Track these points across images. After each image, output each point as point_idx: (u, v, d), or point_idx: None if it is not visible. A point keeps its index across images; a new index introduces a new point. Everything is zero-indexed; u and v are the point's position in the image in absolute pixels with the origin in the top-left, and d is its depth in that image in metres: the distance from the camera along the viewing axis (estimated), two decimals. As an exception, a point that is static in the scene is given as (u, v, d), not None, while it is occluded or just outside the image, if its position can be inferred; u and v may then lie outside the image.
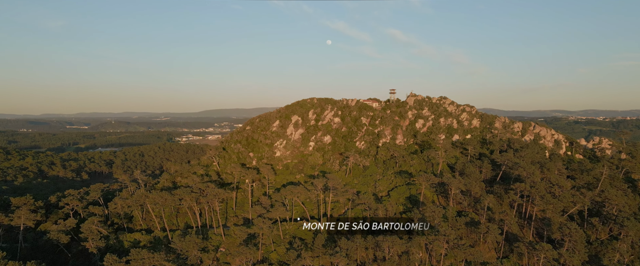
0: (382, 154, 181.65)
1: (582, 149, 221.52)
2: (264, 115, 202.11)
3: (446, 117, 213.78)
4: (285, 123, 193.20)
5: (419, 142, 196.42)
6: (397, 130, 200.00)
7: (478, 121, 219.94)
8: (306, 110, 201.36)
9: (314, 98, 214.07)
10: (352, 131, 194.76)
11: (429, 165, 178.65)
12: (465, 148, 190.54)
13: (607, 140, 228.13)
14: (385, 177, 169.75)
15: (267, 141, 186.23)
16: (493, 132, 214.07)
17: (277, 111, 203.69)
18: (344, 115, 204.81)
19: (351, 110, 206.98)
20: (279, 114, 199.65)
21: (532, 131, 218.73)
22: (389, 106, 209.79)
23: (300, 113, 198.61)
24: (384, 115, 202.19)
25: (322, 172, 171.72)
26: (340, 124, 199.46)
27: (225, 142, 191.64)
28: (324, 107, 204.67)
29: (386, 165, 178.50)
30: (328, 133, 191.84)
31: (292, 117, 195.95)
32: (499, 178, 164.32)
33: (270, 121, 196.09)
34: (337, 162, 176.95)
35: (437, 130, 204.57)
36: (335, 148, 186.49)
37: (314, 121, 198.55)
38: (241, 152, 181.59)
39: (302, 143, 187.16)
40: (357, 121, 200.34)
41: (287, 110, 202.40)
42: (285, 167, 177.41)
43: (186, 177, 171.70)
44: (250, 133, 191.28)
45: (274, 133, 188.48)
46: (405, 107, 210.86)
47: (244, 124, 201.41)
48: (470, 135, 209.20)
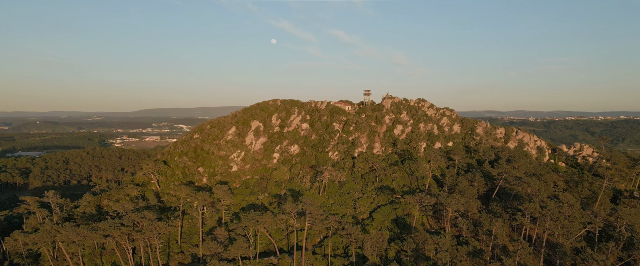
0: (359, 167, 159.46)
1: (564, 156, 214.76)
2: (216, 120, 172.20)
3: (426, 122, 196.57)
4: (243, 130, 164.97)
5: (399, 150, 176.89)
6: (374, 137, 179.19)
7: (459, 126, 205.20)
8: (268, 115, 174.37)
9: (277, 100, 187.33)
10: (324, 139, 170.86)
11: (413, 179, 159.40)
12: (450, 158, 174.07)
13: (588, 146, 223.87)
14: (365, 194, 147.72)
15: (221, 153, 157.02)
16: (475, 139, 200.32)
17: (233, 115, 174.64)
18: (314, 121, 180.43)
19: (321, 114, 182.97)
20: (235, 119, 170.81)
21: (515, 137, 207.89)
22: (364, 109, 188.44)
23: (261, 118, 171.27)
24: (359, 120, 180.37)
25: (291, 191, 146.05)
26: (309, 131, 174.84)
27: (168, 154, 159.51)
28: (290, 110, 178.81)
29: (365, 180, 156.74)
30: (295, 142, 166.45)
31: (251, 123, 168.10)
32: (495, 194, 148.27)
33: (224, 128, 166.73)
34: (307, 177, 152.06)
35: (418, 137, 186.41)
36: (304, 160, 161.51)
37: (278, 127, 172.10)
38: (188, 167, 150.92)
39: (265, 155, 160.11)
40: (329, 127, 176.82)
41: (245, 114, 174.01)
42: (244, 185, 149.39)
43: (116, 199, 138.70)
44: (200, 142, 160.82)
45: (229, 142, 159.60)
46: (382, 110, 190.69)
47: (191, 131, 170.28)
48: (452, 142, 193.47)
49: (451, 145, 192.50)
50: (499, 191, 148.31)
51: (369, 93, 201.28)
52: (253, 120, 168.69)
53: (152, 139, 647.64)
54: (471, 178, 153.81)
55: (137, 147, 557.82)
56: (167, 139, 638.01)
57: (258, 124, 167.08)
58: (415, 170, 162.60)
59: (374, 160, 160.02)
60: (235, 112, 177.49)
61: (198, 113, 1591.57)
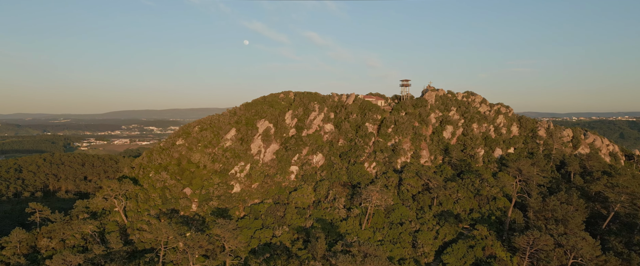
0: (409, 184, 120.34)
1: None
2: (208, 119, 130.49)
3: (480, 122, 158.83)
4: (247, 133, 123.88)
5: (455, 160, 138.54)
6: (420, 142, 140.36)
7: (517, 127, 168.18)
8: (280, 112, 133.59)
9: (289, 93, 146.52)
10: (356, 145, 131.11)
11: (482, 200, 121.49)
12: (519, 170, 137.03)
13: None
14: (424, 225, 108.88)
15: (217, 166, 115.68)
16: (538, 143, 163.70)
17: (231, 113, 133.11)
18: (339, 120, 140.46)
19: (349, 111, 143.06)
20: (234, 118, 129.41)
21: (585, 141, 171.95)
22: (403, 105, 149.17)
23: (271, 117, 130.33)
24: (398, 119, 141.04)
25: (320, 221, 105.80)
26: (334, 134, 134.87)
27: (139, 168, 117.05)
28: (308, 106, 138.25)
29: (418, 203, 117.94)
30: (319, 150, 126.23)
31: (258, 123, 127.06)
32: (606, 223, 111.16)
33: (219, 130, 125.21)
34: (341, 200, 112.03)
35: (474, 141, 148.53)
36: (333, 176, 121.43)
37: (294, 129, 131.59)
38: (169, 187, 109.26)
39: (279, 168, 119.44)
40: (361, 129, 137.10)
41: (248, 111, 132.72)
42: (252, 214, 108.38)
43: (60, 239, 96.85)
44: (185, 151, 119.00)
45: (228, 151, 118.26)
46: (426, 106, 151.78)
47: (172, 135, 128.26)
48: (513, 147, 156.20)
49: (512, 152, 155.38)
50: (611, 218, 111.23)
51: (408, 84, 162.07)
52: (260, 120, 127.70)
53: (121, 142, 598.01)
54: (565, 199, 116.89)
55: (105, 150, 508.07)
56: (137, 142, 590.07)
57: (267, 125, 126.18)
58: (481, 187, 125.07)
59: (429, 175, 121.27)
60: (233, 109, 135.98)
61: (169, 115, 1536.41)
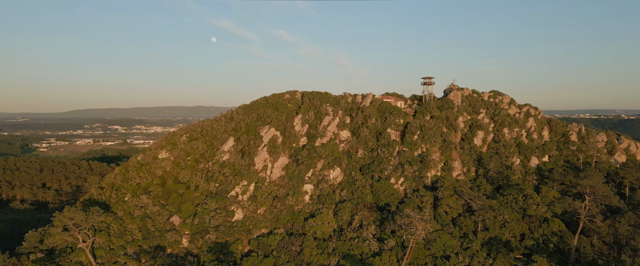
0: (447, 205, 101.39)
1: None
2: (198, 125, 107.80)
3: (510, 126, 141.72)
4: (249, 144, 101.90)
5: (493, 173, 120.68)
6: (450, 150, 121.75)
7: (548, 131, 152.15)
8: (288, 117, 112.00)
9: (296, 93, 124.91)
10: (379, 156, 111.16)
11: (532, 223, 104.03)
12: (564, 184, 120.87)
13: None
14: (474, 258, 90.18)
15: (213, 186, 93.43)
16: (572, 149, 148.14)
17: (227, 118, 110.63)
18: (356, 125, 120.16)
19: (366, 114, 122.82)
20: (232, 125, 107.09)
21: (620, 146, 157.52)
22: (428, 108, 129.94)
23: (277, 123, 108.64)
24: (424, 123, 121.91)
25: (347, 258, 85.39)
26: (352, 142, 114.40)
27: (112, 189, 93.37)
28: (319, 109, 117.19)
29: (461, 228, 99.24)
30: (336, 164, 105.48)
31: (261, 131, 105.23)
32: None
33: (214, 140, 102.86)
34: (370, 228, 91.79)
35: (508, 149, 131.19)
36: (356, 195, 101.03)
37: (305, 138, 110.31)
38: (152, 215, 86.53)
39: (290, 188, 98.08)
40: (382, 136, 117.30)
41: (248, 115, 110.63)
42: (260, 248, 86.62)
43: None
44: (171, 166, 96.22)
45: (226, 167, 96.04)
46: (453, 109, 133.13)
47: (153, 146, 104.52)
48: (547, 155, 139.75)
49: (547, 160, 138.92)
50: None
51: (432, 82, 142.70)
52: (264, 127, 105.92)
53: (84, 142, 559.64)
54: (634, 221, 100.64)
55: (67, 151, 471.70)
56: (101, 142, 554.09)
57: (273, 133, 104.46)
58: (527, 205, 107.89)
59: (471, 194, 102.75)
60: (229, 112, 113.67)
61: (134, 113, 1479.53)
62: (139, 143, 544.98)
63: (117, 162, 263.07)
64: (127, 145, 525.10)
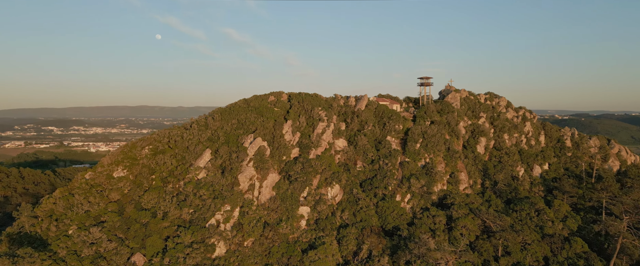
0: (464, 227, 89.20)
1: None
2: (163, 133, 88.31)
3: (510, 132, 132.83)
4: (230, 158, 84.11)
5: (502, 185, 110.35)
6: (455, 160, 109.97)
7: (544, 136, 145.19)
8: (275, 124, 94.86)
9: (281, 94, 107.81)
10: (381, 169, 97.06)
11: (553, 242, 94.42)
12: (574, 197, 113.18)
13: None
14: (501, 291, 78.30)
15: (186, 213, 75.09)
16: (567, 155, 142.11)
17: (200, 125, 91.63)
18: (351, 132, 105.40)
19: (363, 120, 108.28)
20: (208, 134, 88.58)
21: (613, 152, 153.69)
22: (428, 112, 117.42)
23: (264, 131, 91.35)
24: (426, 130, 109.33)
25: (360, 300, 70.63)
26: (349, 153, 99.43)
27: (50, 219, 72.69)
28: (311, 113, 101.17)
29: (480, 254, 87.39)
30: (334, 179, 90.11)
31: (245, 141, 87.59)
32: None
33: (186, 153, 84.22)
34: (383, 259, 77.42)
35: (511, 157, 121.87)
36: (359, 217, 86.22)
37: (297, 148, 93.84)
38: (107, 255, 67.32)
39: (284, 212, 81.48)
40: (381, 145, 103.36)
41: (226, 122, 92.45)
42: (251, 292, 69.88)
43: None
44: (131, 188, 76.90)
45: (203, 188, 77.91)
46: (453, 113, 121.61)
47: (105, 161, 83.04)
48: (547, 163, 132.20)
49: (547, 168, 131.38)
50: None
51: (430, 83, 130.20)
52: (247, 136, 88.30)
53: (14, 145, 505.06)
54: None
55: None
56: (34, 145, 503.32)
57: (260, 144, 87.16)
58: (542, 222, 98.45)
59: (489, 214, 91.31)
60: (202, 117, 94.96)
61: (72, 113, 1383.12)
62: (78, 145, 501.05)
63: (53, 168, 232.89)
64: (64, 147, 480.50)
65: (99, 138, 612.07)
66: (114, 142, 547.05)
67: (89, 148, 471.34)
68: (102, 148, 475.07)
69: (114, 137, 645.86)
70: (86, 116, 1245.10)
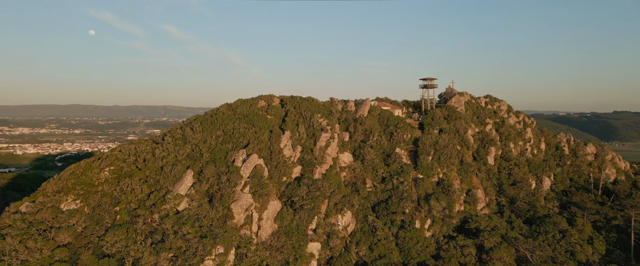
0: (500, 256, 77.34)
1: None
2: (128, 149, 69.18)
3: (515, 140, 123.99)
4: (219, 181, 66.40)
5: (522, 202, 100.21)
6: (470, 175, 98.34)
7: (544, 143, 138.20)
8: (271, 135, 77.83)
9: (272, 98, 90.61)
10: (396, 188, 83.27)
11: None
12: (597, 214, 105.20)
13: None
14: None
15: (165, 258, 57.09)
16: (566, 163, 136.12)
17: (176, 138, 73.29)
18: (355, 144, 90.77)
19: (367, 129, 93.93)
20: (187, 149, 70.35)
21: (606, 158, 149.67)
22: (435, 118, 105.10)
23: (257, 145, 74.06)
24: (438, 140, 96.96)
25: None
26: (357, 169, 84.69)
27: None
28: (311, 121, 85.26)
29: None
30: (345, 205, 75.04)
31: (236, 159, 70.06)
32: None
33: (159, 176, 65.85)
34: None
35: (521, 169, 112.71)
36: (377, 252, 71.72)
37: (299, 166, 77.52)
38: None
39: (290, 250, 65.17)
40: (390, 159, 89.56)
41: (209, 133, 74.29)
42: None
43: None
44: (86, 224, 57.90)
45: (187, 223, 60.08)
46: (460, 119, 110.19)
47: (49, 186, 63.41)
48: (552, 174, 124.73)
49: (552, 180, 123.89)
50: None
51: (434, 85, 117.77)
52: (237, 152, 70.90)
53: None
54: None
55: None
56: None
57: (256, 162, 70.07)
58: (572, 247, 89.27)
59: (523, 241, 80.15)
60: (179, 126, 76.46)
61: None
62: (2, 147, 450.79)
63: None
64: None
65: (26, 139, 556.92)
66: (43, 143, 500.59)
67: (15, 151, 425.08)
68: (30, 150, 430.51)
69: (43, 137, 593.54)
70: (11, 115, 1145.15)
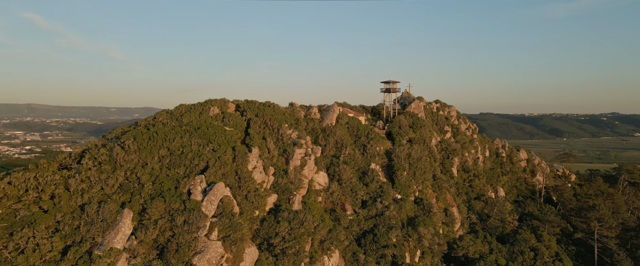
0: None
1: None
2: (20, 178, 46.30)
3: (469, 148, 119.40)
4: (175, 225, 46.89)
5: (496, 220, 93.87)
6: (444, 191, 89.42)
7: (488, 149, 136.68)
8: (237, 153, 59.14)
9: (226, 102, 70.95)
10: (380, 213, 70.19)
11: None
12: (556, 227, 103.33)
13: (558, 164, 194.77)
14: None
15: None
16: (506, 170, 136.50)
17: (101, 159, 51.33)
18: (329, 159, 75.67)
19: (338, 141, 79.26)
20: (119, 176, 49.15)
21: (536, 163, 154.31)
22: (402, 127, 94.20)
23: (222, 168, 55.02)
24: (410, 152, 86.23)
25: None
26: (336, 192, 69.79)
27: None
28: (279, 133, 68.13)
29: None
30: (333, 243, 59.73)
31: (193, 187, 50.68)
32: None
33: (81, 220, 44.29)
34: None
35: (480, 180, 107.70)
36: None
37: (274, 196, 59.91)
38: None
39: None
40: (368, 176, 76.28)
41: (148, 153, 53.34)
42: None
43: None
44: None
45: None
46: (425, 127, 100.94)
47: None
48: (500, 185, 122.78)
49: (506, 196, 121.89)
50: None
51: (397, 89, 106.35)
52: (194, 179, 51.72)
53: None
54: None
55: None
56: None
57: (223, 192, 51.52)
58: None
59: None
60: (102, 143, 54.38)
61: None
62: None
63: None
64: None
65: None
66: None
67: None
68: None
69: None
70: None
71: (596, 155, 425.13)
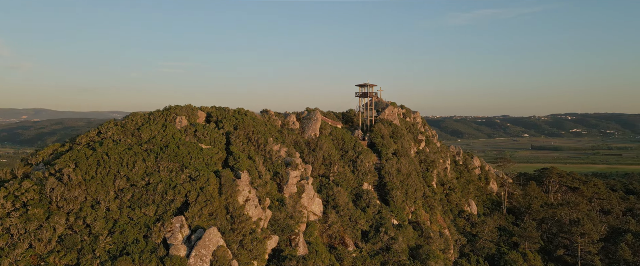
0: None
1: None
2: None
3: (440, 156, 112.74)
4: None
5: (487, 240, 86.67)
6: (434, 210, 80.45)
7: (449, 159, 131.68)
8: (223, 181, 43.77)
9: (194, 110, 54.63)
10: (386, 247, 58.54)
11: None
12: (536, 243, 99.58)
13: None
14: None
15: None
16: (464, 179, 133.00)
17: (25, 194, 33.89)
18: (319, 182, 62.42)
19: (325, 156, 66.28)
20: (60, 228, 32.19)
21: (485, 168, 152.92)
22: (384, 137, 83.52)
23: (209, 204, 39.65)
24: (399, 167, 76.10)
25: None
26: (334, 224, 56.75)
27: None
28: (264, 149, 53.59)
29: None
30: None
31: (170, 234, 34.93)
32: None
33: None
34: None
35: (456, 192, 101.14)
36: None
37: (274, 237, 45.31)
38: None
39: None
40: (363, 200, 64.36)
41: (102, 185, 36.55)
42: None
43: None
44: None
45: None
46: (404, 137, 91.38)
47: None
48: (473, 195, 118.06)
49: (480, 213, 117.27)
50: None
51: (374, 93, 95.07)
52: (170, 221, 36.08)
53: None
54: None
55: None
56: None
57: (216, 242, 36.46)
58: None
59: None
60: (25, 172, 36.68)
61: None
62: None
63: None
64: None
65: None
66: None
67: None
68: None
69: None
70: None
71: (494, 155, 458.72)
